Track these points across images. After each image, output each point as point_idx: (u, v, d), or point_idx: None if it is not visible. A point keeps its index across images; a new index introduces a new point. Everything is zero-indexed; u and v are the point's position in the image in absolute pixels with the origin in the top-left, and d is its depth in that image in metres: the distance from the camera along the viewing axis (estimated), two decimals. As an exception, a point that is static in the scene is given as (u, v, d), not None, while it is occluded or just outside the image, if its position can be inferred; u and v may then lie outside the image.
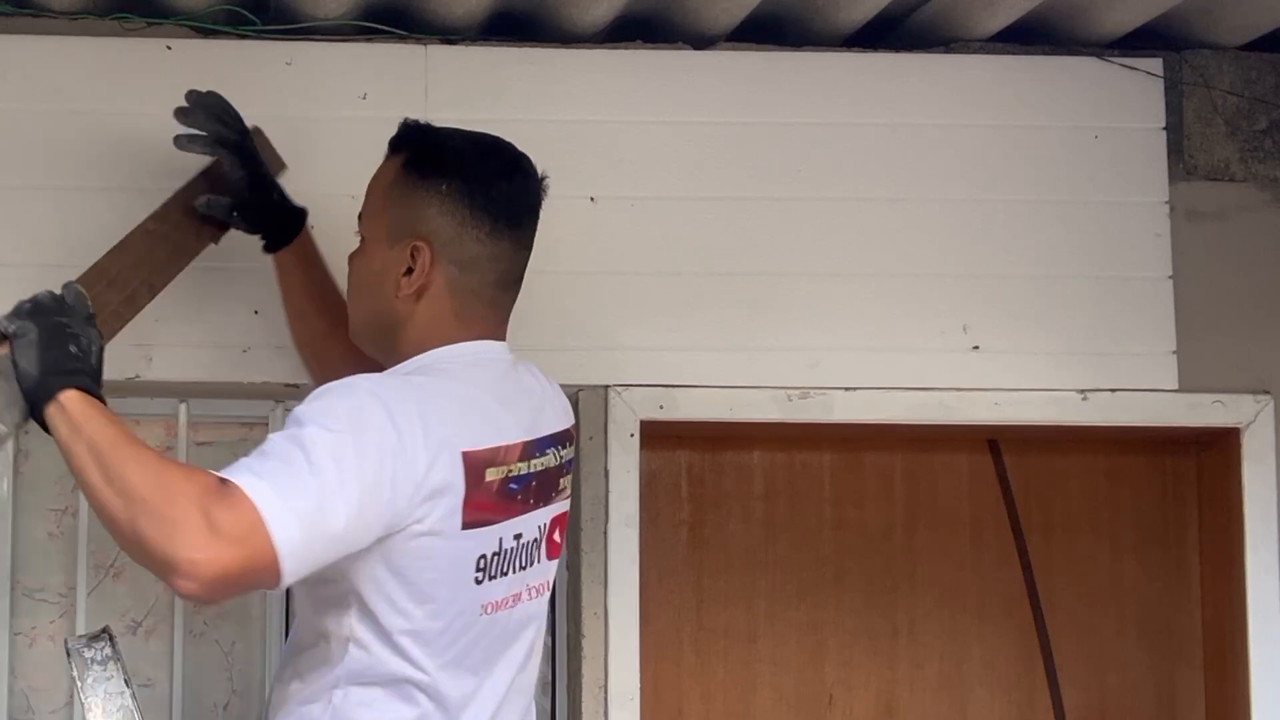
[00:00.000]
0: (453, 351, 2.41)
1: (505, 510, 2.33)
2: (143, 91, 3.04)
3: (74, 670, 2.52)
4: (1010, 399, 3.13)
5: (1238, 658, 3.16)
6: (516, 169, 2.50)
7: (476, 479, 2.28)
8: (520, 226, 2.47)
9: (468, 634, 2.32)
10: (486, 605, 2.32)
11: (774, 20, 3.11)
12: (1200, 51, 3.22)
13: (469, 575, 2.29)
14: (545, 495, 2.42)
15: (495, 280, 2.45)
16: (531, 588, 2.41)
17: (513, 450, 2.35)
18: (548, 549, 2.45)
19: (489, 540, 2.31)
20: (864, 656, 3.28)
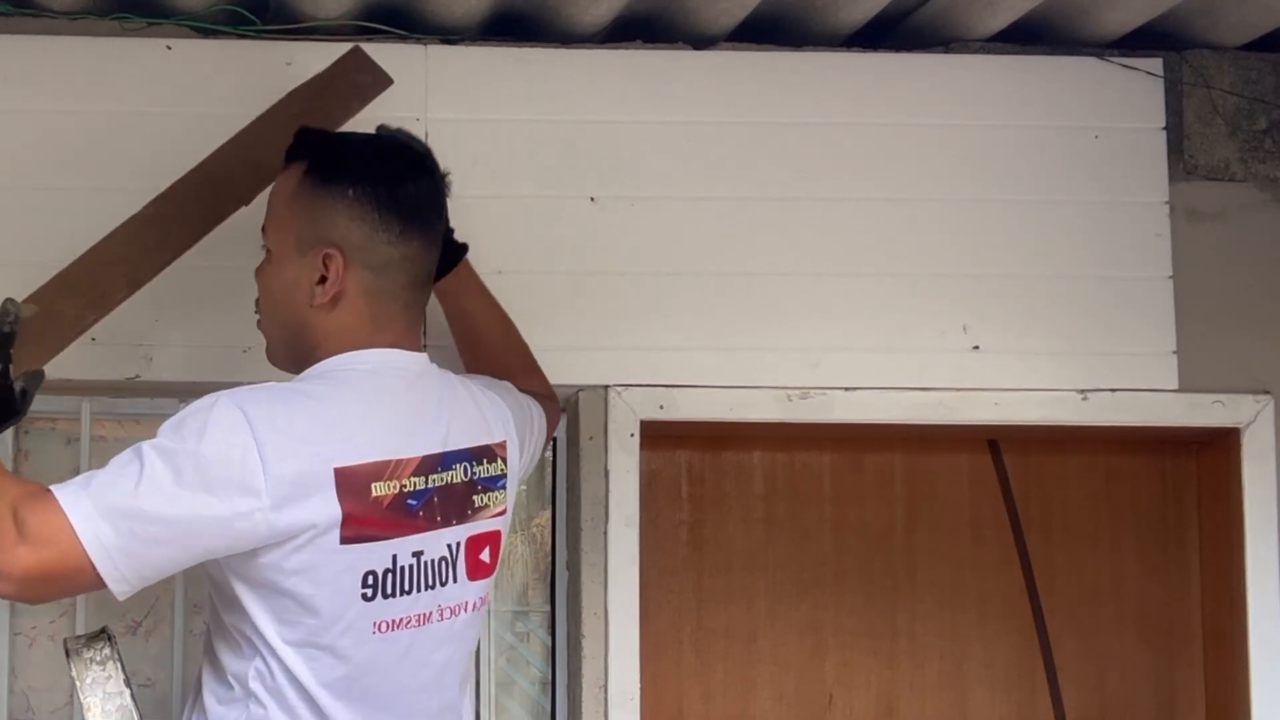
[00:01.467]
0: (356, 358, 2.38)
1: (399, 526, 2.30)
2: (143, 91, 3.04)
3: (73, 670, 2.52)
4: (1010, 399, 3.13)
5: (1238, 658, 3.16)
6: (420, 168, 2.48)
7: (357, 493, 2.26)
8: (429, 225, 2.45)
9: (360, 651, 2.30)
10: (380, 624, 2.30)
11: (774, 20, 3.11)
12: (1200, 51, 3.21)
13: (354, 591, 2.27)
14: (456, 513, 2.38)
15: (409, 281, 2.43)
16: (446, 608, 2.37)
17: (406, 465, 2.32)
18: (469, 569, 2.40)
19: (377, 557, 2.28)
20: (864, 656, 3.28)
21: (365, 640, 2.30)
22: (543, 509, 3.26)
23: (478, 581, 2.43)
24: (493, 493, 2.44)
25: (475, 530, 2.41)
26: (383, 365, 2.39)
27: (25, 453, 3.14)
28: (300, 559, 2.24)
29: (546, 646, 3.23)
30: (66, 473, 3.04)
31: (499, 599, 3.24)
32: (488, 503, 2.43)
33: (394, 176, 2.43)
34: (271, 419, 2.23)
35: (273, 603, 2.28)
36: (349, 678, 2.30)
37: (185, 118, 3.03)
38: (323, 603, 2.26)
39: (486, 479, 2.43)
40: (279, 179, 2.49)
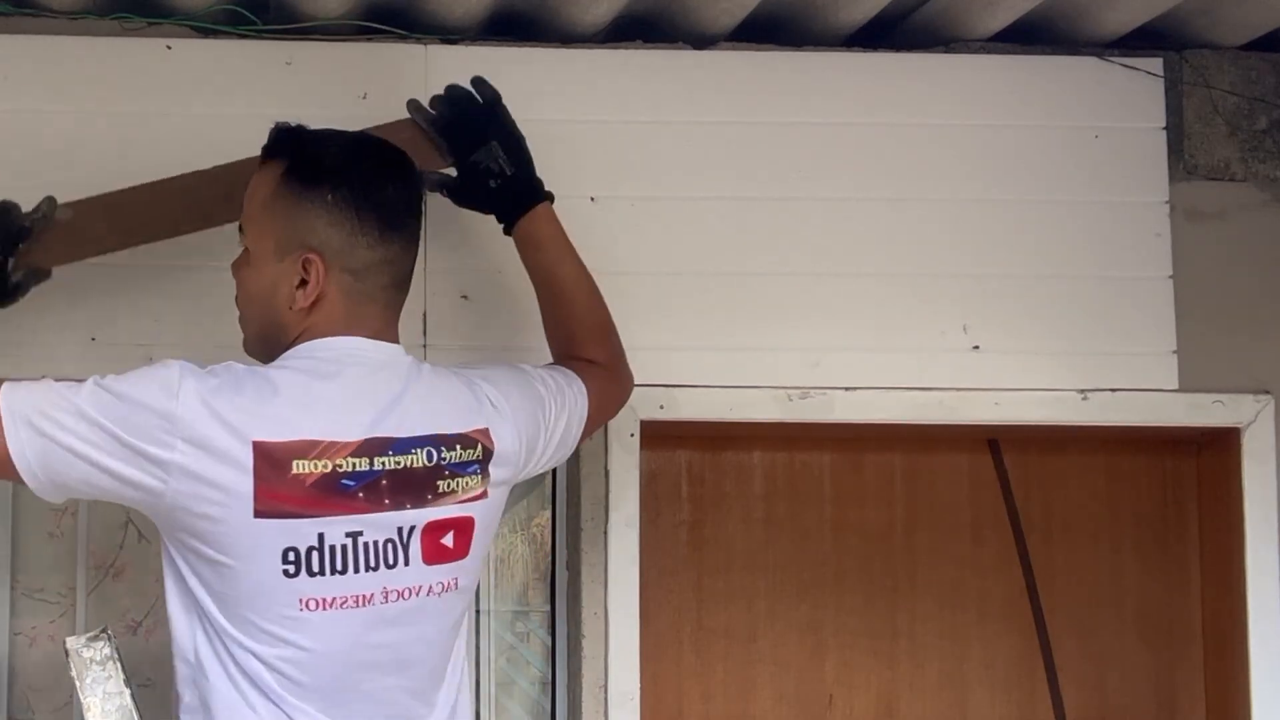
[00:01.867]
0: (319, 345, 2.40)
1: (326, 506, 2.31)
2: (143, 91, 3.04)
3: (73, 670, 2.52)
4: (1010, 399, 3.13)
5: (1238, 658, 3.16)
6: (398, 170, 2.49)
7: (275, 469, 2.28)
8: (407, 227, 2.46)
9: (290, 629, 2.31)
10: (308, 601, 2.31)
11: (774, 20, 3.11)
12: (1200, 51, 3.21)
13: (274, 567, 2.29)
14: (413, 497, 2.37)
15: (389, 283, 2.44)
16: (394, 591, 2.36)
17: (342, 446, 2.32)
18: (426, 554, 2.38)
19: (300, 534, 2.29)
20: (864, 656, 3.28)
21: (294, 617, 2.31)
22: (543, 509, 3.27)
23: (439, 566, 2.40)
24: (463, 478, 2.42)
25: (437, 515, 2.39)
26: (344, 353, 2.40)
27: (25, 453, 3.14)
28: (217, 530, 2.28)
29: (546, 646, 3.23)
30: (66, 473, 3.06)
31: (499, 599, 3.24)
32: (456, 488, 2.41)
33: (373, 179, 2.44)
34: (205, 389, 2.28)
35: (205, 575, 2.32)
36: (284, 655, 2.32)
37: (185, 118, 3.04)
38: (244, 576, 2.29)
39: (456, 464, 2.42)
40: (256, 177, 2.49)
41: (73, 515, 3.15)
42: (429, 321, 3.05)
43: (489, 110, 2.84)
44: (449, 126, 2.82)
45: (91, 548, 3.16)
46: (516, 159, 2.80)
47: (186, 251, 2.91)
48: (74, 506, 3.14)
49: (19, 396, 2.28)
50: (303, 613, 2.31)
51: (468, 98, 2.83)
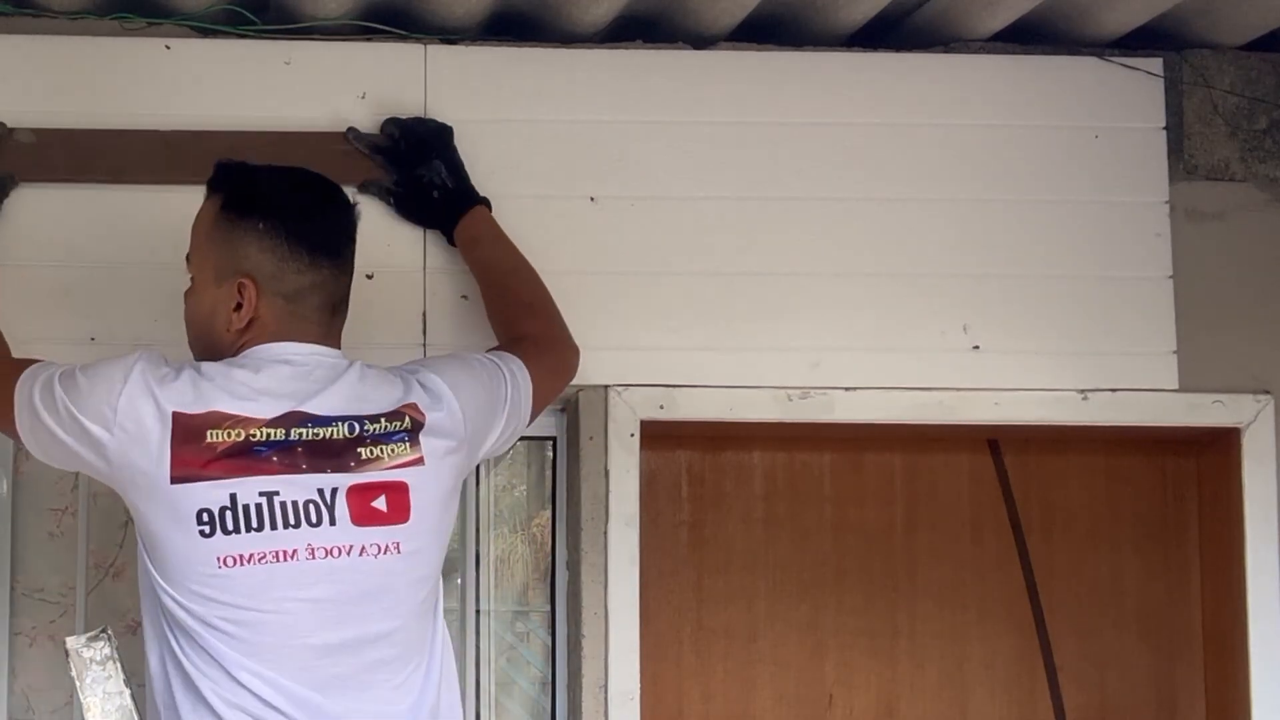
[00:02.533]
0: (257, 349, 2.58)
1: (238, 469, 2.45)
2: (143, 91, 3.04)
3: (73, 670, 2.53)
4: (1010, 399, 3.13)
5: (1238, 658, 3.16)
6: (329, 201, 2.66)
7: (189, 438, 2.45)
8: (338, 254, 2.63)
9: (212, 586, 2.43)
10: (225, 559, 2.43)
11: (774, 20, 3.11)
12: (1200, 51, 3.21)
13: (191, 528, 2.44)
14: (332, 463, 2.49)
15: (321, 304, 2.61)
16: (320, 548, 2.47)
17: (257, 421, 2.47)
18: (354, 514, 2.49)
19: (211, 496, 2.44)
20: (864, 656, 3.28)
21: (214, 574, 2.44)
22: (543, 509, 3.27)
23: (373, 528, 2.50)
24: (389, 445, 2.53)
25: (362, 479, 2.50)
26: (275, 354, 2.56)
27: (25, 453, 3.13)
28: (145, 500, 2.47)
29: (546, 646, 3.23)
30: (66, 474, 3.06)
31: (499, 599, 3.24)
32: (381, 454, 2.52)
33: (302, 209, 2.62)
34: (152, 373, 2.49)
35: (147, 545, 2.49)
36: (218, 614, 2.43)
37: (185, 118, 3.04)
38: (166, 539, 2.45)
39: (380, 434, 2.53)
40: (200, 210, 2.67)
41: (73, 515, 3.15)
42: (428, 321, 3.05)
43: (437, 133, 3.04)
44: (395, 145, 3.04)
45: (91, 548, 3.15)
46: (455, 175, 3.02)
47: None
48: (74, 506, 3.14)
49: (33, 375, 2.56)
50: (222, 569, 2.44)
51: (416, 122, 3.05)
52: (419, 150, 3.02)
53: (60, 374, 2.54)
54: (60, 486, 3.15)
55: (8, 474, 3.14)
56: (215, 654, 2.44)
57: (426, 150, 3.02)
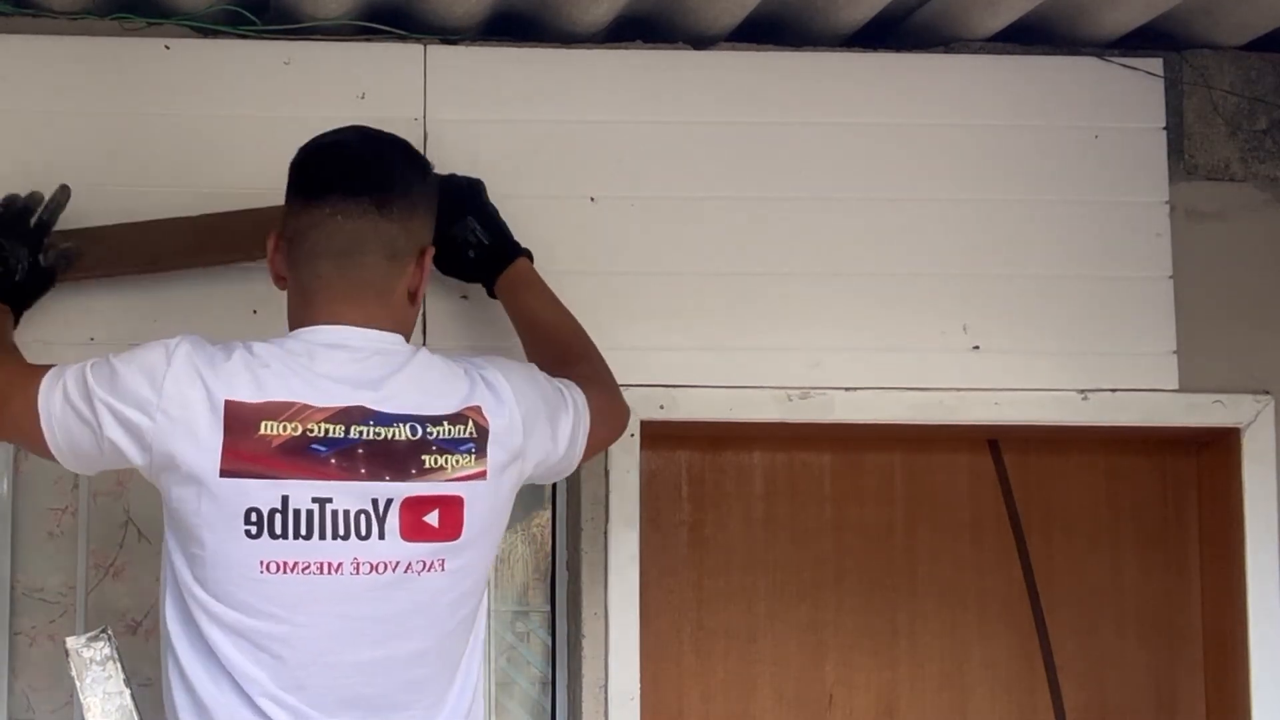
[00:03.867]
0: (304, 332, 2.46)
1: (292, 469, 2.34)
2: (143, 91, 3.04)
3: (73, 670, 2.53)
4: (1010, 399, 3.13)
5: (1238, 658, 3.16)
6: (335, 144, 2.54)
7: (242, 429, 2.33)
8: (332, 193, 2.46)
9: (248, 591, 2.33)
10: (269, 564, 2.33)
11: (774, 20, 3.11)
12: (1200, 51, 3.21)
13: (237, 527, 2.32)
14: (392, 469, 2.37)
15: (318, 251, 2.45)
16: (366, 563, 2.36)
17: (315, 411, 2.35)
18: (405, 529, 2.38)
19: (263, 495, 2.33)
20: (864, 656, 3.28)
21: (254, 579, 2.33)
22: (543, 509, 3.27)
23: (420, 544, 2.39)
24: (455, 455, 2.41)
25: (419, 491, 2.39)
26: (322, 336, 2.44)
27: (25, 453, 3.14)
28: (188, 492, 2.34)
29: (546, 646, 3.23)
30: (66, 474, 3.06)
31: (499, 599, 3.24)
32: (445, 464, 2.40)
33: (307, 148, 2.55)
34: (198, 355, 2.39)
35: (181, 540, 2.37)
36: (242, 621, 2.34)
37: (184, 118, 3.04)
38: (208, 534, 2.33)
39: (446, 440, 2.41)
40: None
41: (73, 515, 3.15)
42: (429, 321, 3.05)
43: (467, 189, 2.92)
44: None
45: (91, 547, 3.16)
46: (493, 230, 2.89)
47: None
48: (74, 506, 3.14)
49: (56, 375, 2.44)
50: (264, 575, 2.33)
51: (444, 179, 2.82)
52: (449, 209, 2.81)
53: (90, 365, 2.42)
54: (60, 486, 3.15)
55: (7, 473, 3.14)
56: (237, 674, 2.34)
57: (457, 209, 2.86)
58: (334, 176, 2.48)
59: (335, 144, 2.55)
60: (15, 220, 2.85)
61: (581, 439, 2.62)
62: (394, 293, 2.49)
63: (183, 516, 2.36)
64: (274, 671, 2.35)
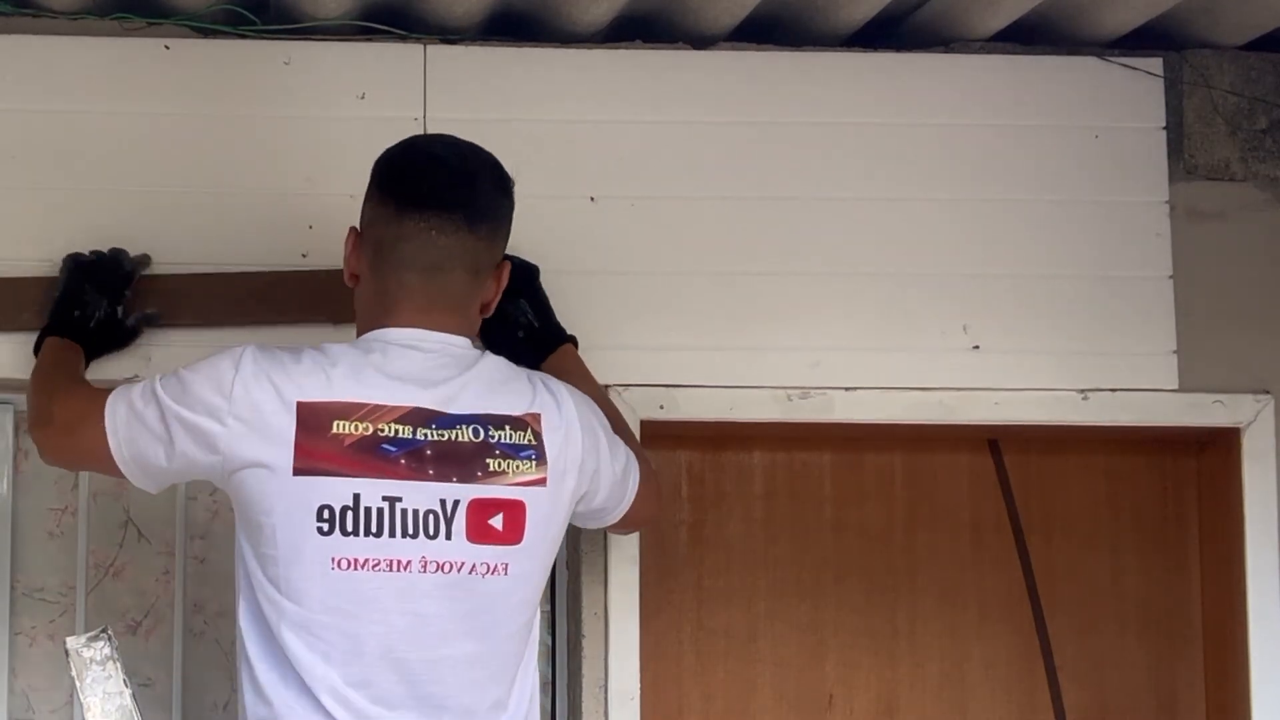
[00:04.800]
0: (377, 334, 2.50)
1: (364, 467, 2.39)
2: (142, 91, 3.04)
3: (73, 670, 2.53)
4: (1010, 399, 3.13)
5: (1238, 658, 3.16)
6: (431, 155, 2.57)
7: (316, 428, 2.39)
8: (428, 208, 2.49)
9: (319, 586, 2.37)
10: (340, 560, 2.38)
11: (774, 20, 3.11)
12: (1200, 51, 3.21)
13: (309, 524, 2.37)
14: (459, 471, 2.43)
15: (406, 262, 2.49)
16: (434, 562, 2.41)
17: (387, 411, 2.41)
18: (470, 531, 2.43)
19: (334, 492, 2.38)
20: (864, 656, 3.28)
21: (325, 575, 2.38)
22: (543, 509, 3.26)
23: (485, 546, 2.44)
24: (516, 460, 2.47)
25: (485, 493, 2.44)
26: (395, 337, 2.49)
27: (25, 452, 3.14)
28: (262, 490, 2.39)
29: (546, 646, 3.23)
30: (66, 474, 3.06)
31: (499, 599, 3.24)
32: (506, 469, 2.46)
33: (401, 159, 2.56)
34: (266, 359, 2.44)
35: (251, 535, 2.42)
36: (312, 618, 2.38)
37: (185, 118, 3.04)
38: (281, 533, 2.38)
39: (509, 445, 2.47)
40: None
41: (72, 515, 3.15)
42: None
43: (524, 272, 2.92)
44: None
45: (91, 547, 3.16)
46: (542, 316, 2.94)
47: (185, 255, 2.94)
48: (74, 506, 3.14)
49: (120, 393, 2.51)
50: (334, 571, 2.38)
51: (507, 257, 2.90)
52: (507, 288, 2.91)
53: (159, 379, 2.48)
54: (60, 486, 3.15)
55: (8, 473, 3.14)
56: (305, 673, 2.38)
57: (512, 289, 2.83)
58: (430, 191, 2.52)
59: (432, 157, 2.57)
60: (101, 269, 2.90)
61: (629, 495, 2.69)
62: (472, 306, 2.57)
63: (256, 517, 2.41)
64: (341, 668, 2.39)
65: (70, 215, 3.01)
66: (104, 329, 2.89)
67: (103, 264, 2.92)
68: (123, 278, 2.91)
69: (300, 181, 3.03)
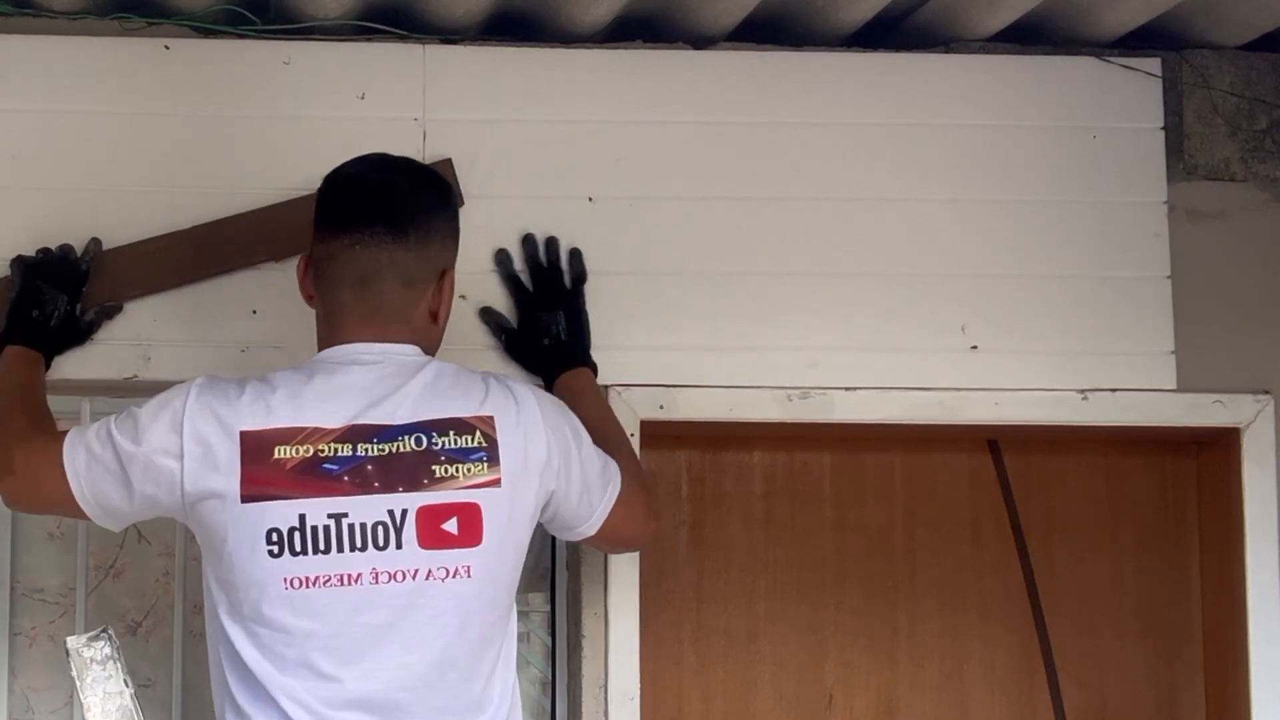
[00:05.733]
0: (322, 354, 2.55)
1: (307, 488, 2.42)
2: (143, 91, 3.04)
3: (73, 670, 2.53)
4: (1010, 399, 3.13)
5: (1238, 658, 3.16)
6: (354, 175, 2.62)
7: (259, 455, 2.43)
8: (351, 224, 2.54)
9: (275, 609, 2.40)
10: (291, 580, 2.41)
11: (774, 20, 3.11)
12: (1200, 51, 3.21)
13: (260, 548, 2.41)
14: (404, 481, 2.45)
15: (339, 278, 2.54)
16: (385, 572, 2.42)
17: (325, 433, 2.44)
18: (422, 538, 2.44)
19: (281, 515, 2.42)
20: (864, 656, 3.28)
21: (279, 596, 2.41)
22: (543, 509, 3.26)
23: (440, 551, 2.45)
24: (465, 464, 2.48)
25: (433, 500, 2.45)
26: (337, 355, 2.53)
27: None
28: (216, 518, 2.43)
29: (546, 646, 3.23)
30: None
31: (499, 599, 3.23)
32: (456, 473, 2.47)
33: (329, 180, 2.62)
34: (212, 395, 2.48)
35: (212, 562, 2.47)
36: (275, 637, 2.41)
37: (185, 118, 3.04)
38: (238, 560, 2.42)
39: (454, 450, 2.48)
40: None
41: (72, 515, 3.15)
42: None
43: (573, 283, 3.01)
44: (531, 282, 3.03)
45: (91, 548, 3.16)
46: (574, 332, 2.98)
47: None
48: (74, 507, 3.14)
49: (76, 436, 2.53)
50: (289, 590, 2.41)
51: (554, 269, 3.02)
52: (550, 295, 3.00)
53: (114, 421, 2.51)
54: (60, 487, 3.15)
55: (8, 474, 3.14)
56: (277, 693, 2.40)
57: (555, 298, 2.99)
58: (350, 207, 2.57)
59: (354, 175, 2.62)
60: (56, 267, 2.91)
61: (603, 505, 2.66)
62: (413, 316, 2.57)
63: (214, 546, 2.45)
64: (308, 683, 2.41)
65: (70, 215, 3.00)
66: (64, 326, 2.90)
67: (53, 261, 2.93)
68: (81, 273, 2.92)
69: (300, 181, 3.02)
